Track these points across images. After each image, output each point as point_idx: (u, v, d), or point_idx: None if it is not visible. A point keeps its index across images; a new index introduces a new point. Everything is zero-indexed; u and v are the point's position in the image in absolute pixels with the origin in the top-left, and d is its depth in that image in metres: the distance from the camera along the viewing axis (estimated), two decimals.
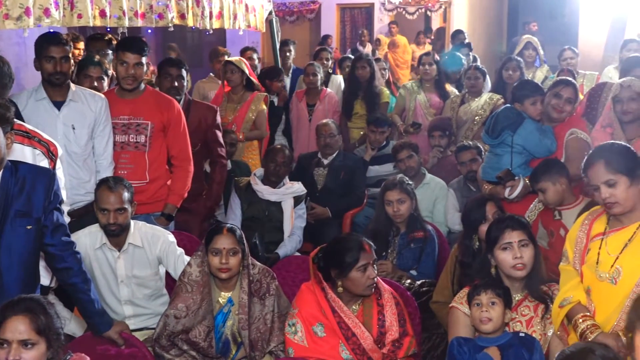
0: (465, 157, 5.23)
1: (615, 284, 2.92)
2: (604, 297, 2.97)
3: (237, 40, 11.31)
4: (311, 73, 6.78)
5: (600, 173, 2.96)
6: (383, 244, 4.36)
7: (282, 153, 5.04)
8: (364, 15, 15.50)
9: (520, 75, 6.28)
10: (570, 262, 3.15)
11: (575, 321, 2.96)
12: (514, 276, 3.21)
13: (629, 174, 2.92)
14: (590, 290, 3.02)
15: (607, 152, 3.02)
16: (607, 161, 2.95)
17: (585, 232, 3.11)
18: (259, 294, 3.50)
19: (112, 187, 3.73)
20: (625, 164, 2.94)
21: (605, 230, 3.03)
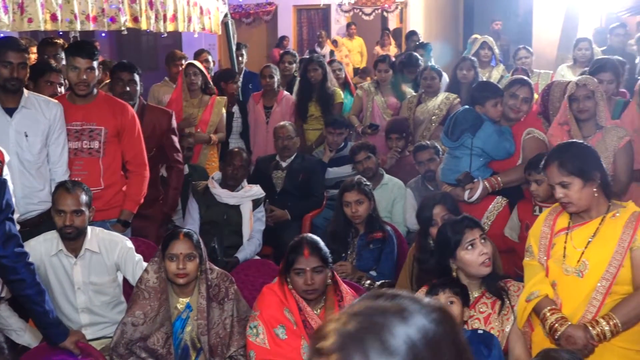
0: (423, 157, 5.25)
1: (582, 277, 2.99)
2: (570, 291, 3.03)
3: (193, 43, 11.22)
4: (267, 75, 6.75)
5: (555, 174, 3.03)
6: (342, 245, 4.37)
7: (240, 156, 5.01)
8: (321, 16, 15.53)
9: (475, 75, 6.35)
10: (535, 256, 3.20)
11: (544, 314, 3.02)
12: (482, 274, 3.21)
13: (582, 176, 2.98)
14: (556, 284, 3.08)
15: (561, 153, 3.08)
16: (560, 163, 3.02)
17: (550, 227, 3.17)
18: (218, 298, 3.47)
19: (70, 189, 3.67)
20: (578, 165, 2.99)
21: (569, 225, 3.10)
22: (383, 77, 6.66)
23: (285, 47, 12.99)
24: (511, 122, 4.48)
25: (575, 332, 2.91)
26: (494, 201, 4.35)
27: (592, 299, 2.96)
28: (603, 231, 3.00)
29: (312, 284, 3.27)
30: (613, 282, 2.93)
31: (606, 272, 2.94)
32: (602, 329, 2.89)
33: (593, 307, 2.96)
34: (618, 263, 2.93)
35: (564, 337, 2.93)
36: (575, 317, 2.98)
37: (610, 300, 2.95)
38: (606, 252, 2.96)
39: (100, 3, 5.01)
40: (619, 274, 2.93)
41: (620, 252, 2.93)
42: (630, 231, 2.94)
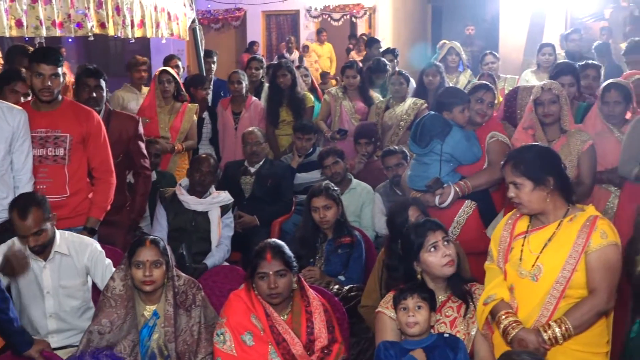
0: (391, 162, 5.29)
1: (536, 281, 3.02)
2: (526, 294, 3.06)
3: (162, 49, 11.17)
4: (236, 81, 6.74)
5: (509, 173, 3.09)
6: (310, 251, 4.39)
7: (207, 162, 5.00)
8: (290, 22, 15.56)
9: (441, 81, 6.40)
10: (494, 260, 3.24)
11: (499, 318, 3.04)
12: (445, 274, 3.24)
13: (533, 179, 3.03)
14: (513, 288, 3.11)
15: (519, 154, 3.14)
16: (514, 163, 3.08)
17: (509, 232, 3.20)
18: (185, 305, 3.45)
19: (22, 214, 3.56)
20: (531, 169, 3.05)
21: (528, 229, 3.13)
22: (351, 83, 6.68)
23: (255, 53, 12.98)
24: (475, 127, 4.53)
25: (527, 335, 2.94)
26: (463, 205, 4.38)
27: (546, 303, 2.98)
28: (559, 235, 3.04)
29: (276, 287, 3.28)
30: (567, 286, 2.96)
31: (560, 276, 2.97)
32: (554, 333, 2.91)
33: (547, 311, 2.98)
34: (572, 267, 2.96)
35: (516, 340, 2.95)
36: (530, 321, 3.01)
37: (565, 303, 2.97)
38: (560, 256, 2.99)
39: (66, 9, 4.97)
40: (572, 278, 2.95)
41: (575, 257, 2.96)
42: (585, 235, 2.97)
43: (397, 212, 3.96)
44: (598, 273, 2.94)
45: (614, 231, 3.02)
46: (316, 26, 15.08)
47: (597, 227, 2.98)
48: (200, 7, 13.20)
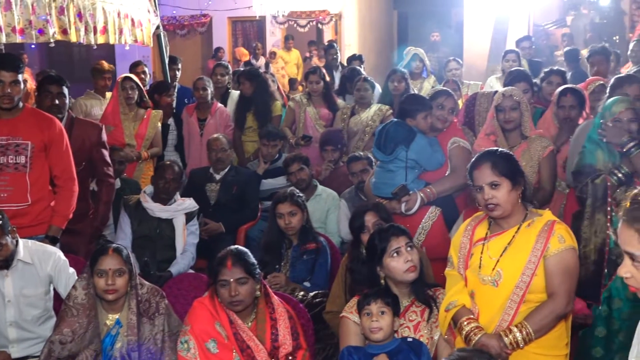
0: (357, 168, 5.30)
1: (496, 287, 3.04)
2: (486, 300, 3.08)
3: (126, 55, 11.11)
4: (201, 87, 6.72)
5: (486, 174, 3.07)
6: (276, 257, 4.38)
7: (171, 169, 4.97)
8: (256, 28, 15.55)
9: (406, 87, 6.45)
10: (455, 267, 3.26)
11: (460, 324, 3.06)
12: (407, 280, 3.27)
13: (511, 178, 3.05)
14: (474, 294, 3.13)
15: (493, 155, 3.14)
16: (493, 163, 3.07)
17: (469, 238, 3.22)
18: (148, 313, 3.43)
19: None
20: (509, 168, 3.08)
21: (487, 235, 3.15)
22: (314, 89, 6.69)
23: (220, 59, 12.95)
24: (436, 133, 4.57)
25: (489, 341, 2.96)
26: (428, 211, 4.41)
27: (507, 308, 3.01)
28: (517, 240, 3.06)
29: (237, 295, 3.28)
30: (527, 290, 2.99)
31: (520, 280, 3.00)
32: (515, 338, 2.94)
33: (508, 316, 3.01)
34: (531, 272, 2.99)
35: (478, 346, 2.97)
36: (492, 326, 3.03)
37: (525, 308, 3.00)
38: (520, 261, 3.01)
39: (27, 15, 4.90)
40: (532, 283, 2.98)
41: (534, 261, 2.99)
42: (543, 240, 3.00)
43: (356, 214, 4.01)
44: (557, 277, 2.98)
45: (571, 235, 3.06)
46: (282, 32, 15.09)
47: (555, 231, 3.01)
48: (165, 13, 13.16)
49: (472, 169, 3.15)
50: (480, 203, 3.11)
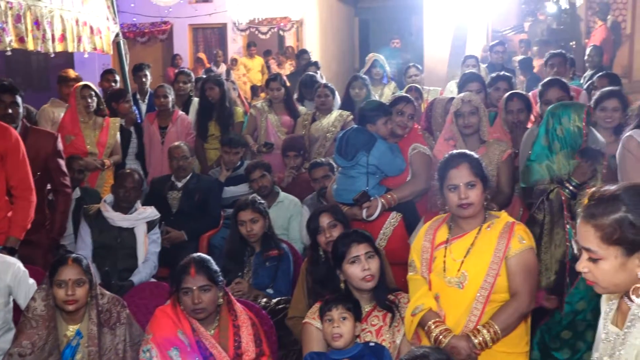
0: (318, 174, 5.32)
1: (462, 288, 3.10)
2: (452, 302, 3.13)
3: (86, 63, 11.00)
4: (162, 95, 6.69)
5: (464, 174, 3.13)
6: (238, 264, 4.38)
7: (131, 178, 4.94)
8: (217, 35, 15.51)
9: (367, 93, 6.49)
10: (418, 271, 3.29)
11: (429, 327, 3.10)
12: (364, 288, 3.31)
13: (483, 180, 3.14)
14: (439, 297, 3.18)
15: (469, 156, 3.22)
16: (471, 164, 3.15)
17: (430, 241, 3.27)
18: (109, 323, 3.40)
19: None
20: (482, 170, 3.16)
21: (448, 238, 3.21)
22: (275, 96, 6.70)
23: (178, 66, 12.89)
24: (396, 139, 4.60)
25: (459, 342, 3.02)
26: (389, 217, 4.44)
27: (473, 309, 3.08)
28: (479, 242, 3.13)
29: (200, 302, 3.27)
30: (491, 291, 3.06)
31: (484, 281, 3.07)
32: (484, 337, 3.01)
33: (474, 317, 3.08)
34: (495, 272, 3.06)
35: (448, 348, 3.01)
36: (459, 327, 3.09)
37: (490, 308, 3.07)
38: (483, 262, 3.09)
39: None
40: (496, 283, 3.06)
41: (496, 262, 3.07)
42: (504, 241, 3.08)
43: (311, 217, 4.05)
44: (519, 276, 3.06)
45: (529, 236, 3.15)
46: (244, 39, 15.07)
47: (515, 232, 3.10)
48: (125, 21, 13.05)
49: (448, 168, 3.18)
50: (453, 202, 3.14)
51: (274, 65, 13.88)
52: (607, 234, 1.94)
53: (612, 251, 1.95)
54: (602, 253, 1.96)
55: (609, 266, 1.96)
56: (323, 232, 3.90)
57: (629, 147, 3.46)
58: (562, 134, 3.88)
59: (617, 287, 2.02)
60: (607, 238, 1.94)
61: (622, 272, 1.96)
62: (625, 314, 2.07)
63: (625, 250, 1.94)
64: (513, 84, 6.01)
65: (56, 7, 5.85)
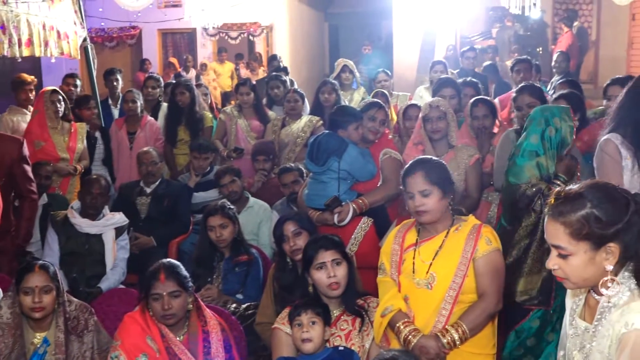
0: (288, 179, 5.33)
1: (431, 289, 3.15)
2: (421, 303, 3.18)
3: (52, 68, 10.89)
4: (130, 100, 6.65)
5: (418, 182, 3.18)
6: (208, 270, 4.37)
7: (98, 184, 4.90)
8: (187, 40, 15.45)
9: (337, 98, 6.51)
10: (387, 273, 3.33)
11: (398, 328, 3.13)
12: (329, 295, 3.33)
13: (442, 187, 3.16)
14: (408, 298, 3.21)
15: (426, 164, 3.25)
16: (425, 172, 3.18)
17: (399, 244, 3.31)
18: (77, 331, 3.38)
19: None
20: (440, 177, 3.19)
21: (417, 241, 3.25)
22: (245, 100, 6.69)
23: (147, 71, 12.81)
24: (368, 144, 4.63)
25: (427, 342, 3.06)
26: (360, 222, 4.46)
27: (442, 309, 3.13)
28: (448, 244, 3.18)
29: (170, 308, 3.26)
30: (459, 291, 3.11)
31: (452, 282, 3.12)
32: (452, 337, 3.05)
33: (443, 317, 3.12)
34: (463, 273, 3.11)
35: (417, 348, 3.06)
36: (427, 328, 3.13)
37: (458, 309, 3.12)
38: (451, 263, 3.14)
39: None
40: (464, 284, 3.11)
41: (464, 263, 3.12)
42: (472, 242, 3.14)
43: (277, 224, 4.06)
44: (486, 277, 3.12)
45: (496, 238, 3.22)
46: (213, 44, 15.03)
47: (482, 234, 3.16)
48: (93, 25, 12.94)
49: (405, 176, 3.25)
50: (411, 209, 3.21)
51: (244, 70, 13.86)
52: (576, 230, 2.02)
53: (581, 246, 2.03)
54: (571, 249, 2.04)
55: (579, 261, 2.04)
56: (287, 240, 3.90)
57: (606, 149, 3.54)
58: (553, 135, 3.98)
59: (586, 282, 2.10)
60: (576, 234, 2.02)
61: (591, 266, 2.04)
62: (593, 308, 2.14)
63: (593, 244, 2.02)
64: (480, 90, 6.08)
65: (22, 11, 5.78)
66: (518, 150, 4.04)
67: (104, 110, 7.38)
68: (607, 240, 2.02)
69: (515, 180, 4.01)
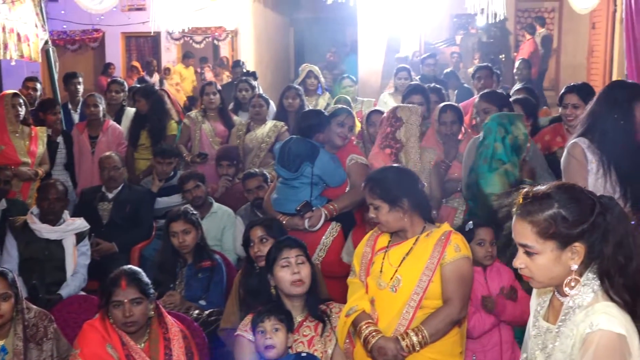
0: (252, 184, 5.31)
1: (395, 292, 3.17)
2: (386, 305, 3.20)
3: (13, 71, 10.73)
4: (92, 104, 6.57)
5: (367, 196, 3.27)
6: (170, 276, 4.32)
7: (55, 189, 4.84)
8: (151, 44, 15.33)
9: (301, 103, 6.51)
10: (357, 275, 3.36)
11: (360, 328, 3.16)
12: (293, 293, 3.32)
13: (389, 202, 3.20)
14: (374, 300, 3.24)
15: (375, 177, 3.32)
16: (371, 187, 3.26)
17: (371, 247, 3.36)
18: (36, 339, 3.34)
19: None
20: (386, 191, 3.22)
21: (388, 245, 3.30)
22: (211, 101, 6.63)
23: (111, 75, 12.68)
24: (334, 150, 4.65)
25: (386, 343, 3.08)
26: (329, 227, 4.48)
27: (405, 313, 3.15)
28: (416, 249, 3.21)
29: (131, 315, 3.22)
30: (423, 296, 3.14)
31: (417, 286, 3.14)
32: (412, 341, 3.07)
33: (405, 320, 3.14)
34: (428, 278, 3.14)
35: (375, 348, 3.08)
36: (390, 330, 3.15)
37: (421, 313, 3.14)
38: (418, 268, 3.16)
39: None
40: (429, 289, 3.13)
41: (430, 268, 3.14)
42: (440, 248, 3.17)
43: (245, 231, 4.06)
44: (452, 284, 3.14)
45: (466, 245, 3.24)
46: (178, 48, 14.94)
47: (451, 241, 3.19)
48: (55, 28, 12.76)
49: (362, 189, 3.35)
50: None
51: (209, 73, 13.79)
52: (543, 229, 2.08)
53: (548, 245, 2.08)
54: (538, 248, 2.09)
55: (545, 260, 2.10)
56: (253, 245, 3.90)
57: (573, 153, 3.67)
58: (511, 142, 4.15)
59: (552, 281, 2.15)
60: (543, 233, 2.08)
61: (557, 265, 2.10)
62: (557, 309, 2.19)
63: (560, 244, 2.08)
64: (444, 96, 6.14)
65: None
66: (485, 160, 4.13)
67: (64, 115, 7.28)
68: (573, 240, 2.08)
69: (491, 190, 4.10)
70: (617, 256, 2.08)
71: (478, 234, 3.72)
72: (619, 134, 3.63)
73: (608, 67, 10.81)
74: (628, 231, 2.13)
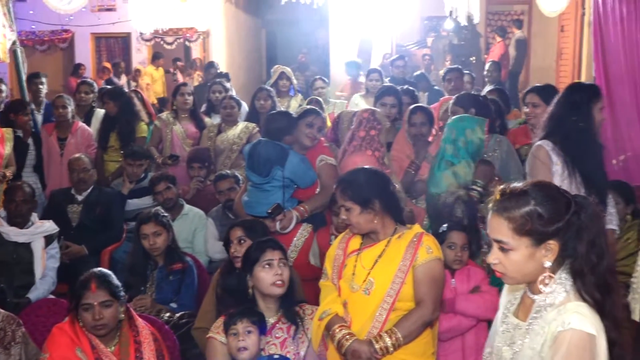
0: (224, 186, 5.30)
1: (368, 295, 3.17)
2: (359, 308, 3.20)
3: None
4: (60, 106, 6.49)
5: (338, 198, 3.27)
6: (141, 279, 4.29)
7: (21, 191, 4.79)
8: (121, 45, 15.19)
9: (272, 104, 6.51)
10: (329, 278, 3.37)
11: (333, 331, 3.16)
12: (273, 294, 3.31)
13: (360, 203, 3.20)
14: (347, 303, 3.24)
15: (346, 178, 3.34)
16: (342, 189, 3.26)
17: (343, 250, 3.35)
18: (3, 343, 3.30)
19: None
20: (357, 193, 3.22)
21: (360, 247, 3.29)
22: (185, 101, 6.60)
23: (81, 76, 12.54)
24: (304, 150, 4.64)
25: (360, 346, 3.08)
26: (300, 229, 4.48)
27: (378, 315, 3.15)
28: (388, 251, 3.22)
29: (101, 318, 3.19)
30: (396, 298, 3.14)
31: (390, 289, 3.15)
32: (385, 343, 3.08)
33: (378, 323, 3.15)
34: (401, 280, 3.15)
35: (349, 351, 3.09)
36: (363, 333, 3.15)
37: (394, 315, 3.15)
38: (390, 270, 3.17)
39: None
40: (401, 291, 3.14)
41: (403, 270, 3.15)
42: (412, 250, 3.17)
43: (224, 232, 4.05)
44: (424, 286, 3.15)
45: (437, 247, 3.26)
46: (148, 49, 14.83)
47: (423, 242, 3.20)
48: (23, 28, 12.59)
49: (335, 189, 3.35)
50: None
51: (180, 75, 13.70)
52: (519, 226, 2.10)
53: (522, 242, 2.11)
54: (513, 244, 2.12)
55: (519, 256, 2.12)
56: (233, 245, 3.87)
57: (538, 155, 3.73)
58: (464, 145, 4.17)
59: (525, 277, 2.18)
60: (519, 229, 2.10)
61: (531, 261, 2.12)
62: (527, 306, 2.22)
63: (534, 240, 2.11)
64: (416, 98, 6.17)
65: None
66: (436, 160, 4.19)
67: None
68: (548, 238, 2.10)
69: (436, 190, 4.15)
70: (590, 255, 2.12)
71: (450, 237, 3.74)
72: (580, 136, 3.70)
73: (577, 70, 10.92)
74: (600, 230, 2.17)
